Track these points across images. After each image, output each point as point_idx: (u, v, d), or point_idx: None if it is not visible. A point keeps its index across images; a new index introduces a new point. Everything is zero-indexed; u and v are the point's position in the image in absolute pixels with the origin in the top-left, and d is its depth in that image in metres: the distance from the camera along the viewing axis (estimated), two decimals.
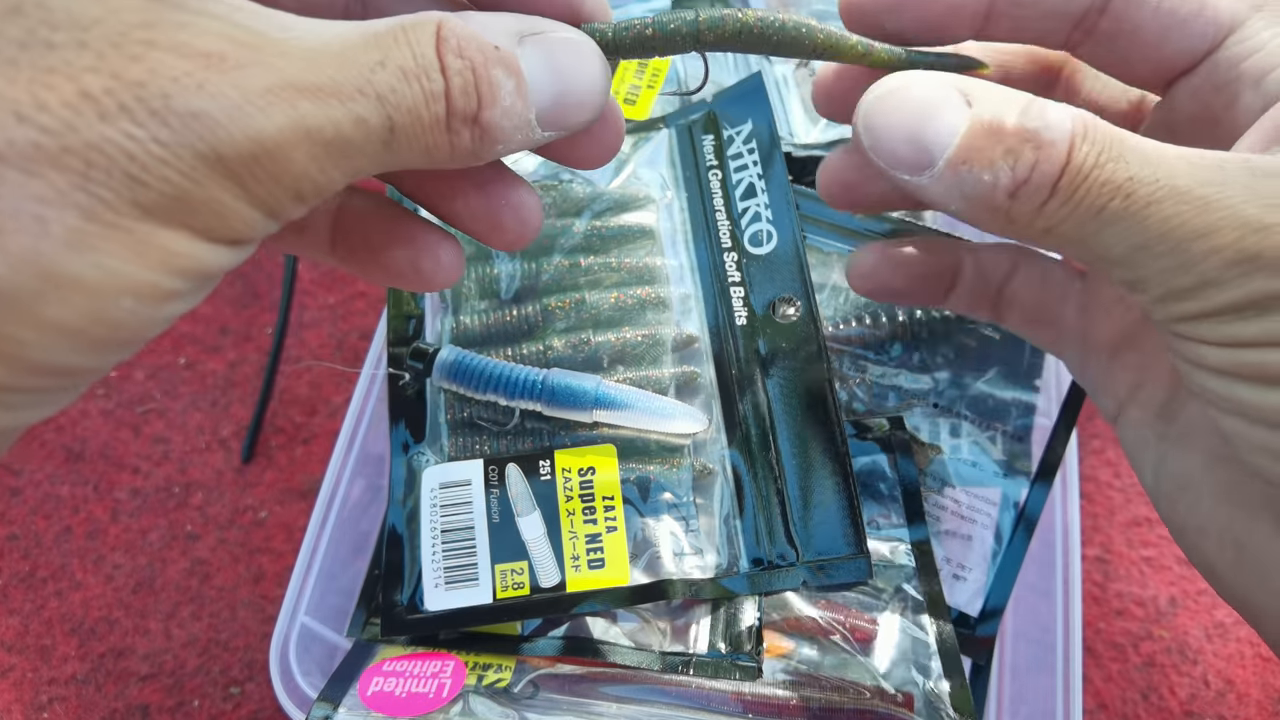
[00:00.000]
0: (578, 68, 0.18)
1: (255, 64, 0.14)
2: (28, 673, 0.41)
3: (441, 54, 0.16)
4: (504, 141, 0.18)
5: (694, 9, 0.20)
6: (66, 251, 0.13)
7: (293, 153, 0.14)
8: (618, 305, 0.33)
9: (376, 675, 0.28)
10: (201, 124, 0.13)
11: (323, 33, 0.15)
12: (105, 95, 0.13)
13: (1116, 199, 0.17)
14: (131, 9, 0.13)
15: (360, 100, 0.15)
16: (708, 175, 0.35)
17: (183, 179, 0.13)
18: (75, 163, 0.13)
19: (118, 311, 0.14)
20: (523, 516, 0.29)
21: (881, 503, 0.32)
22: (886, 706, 0.28)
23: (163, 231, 0.14)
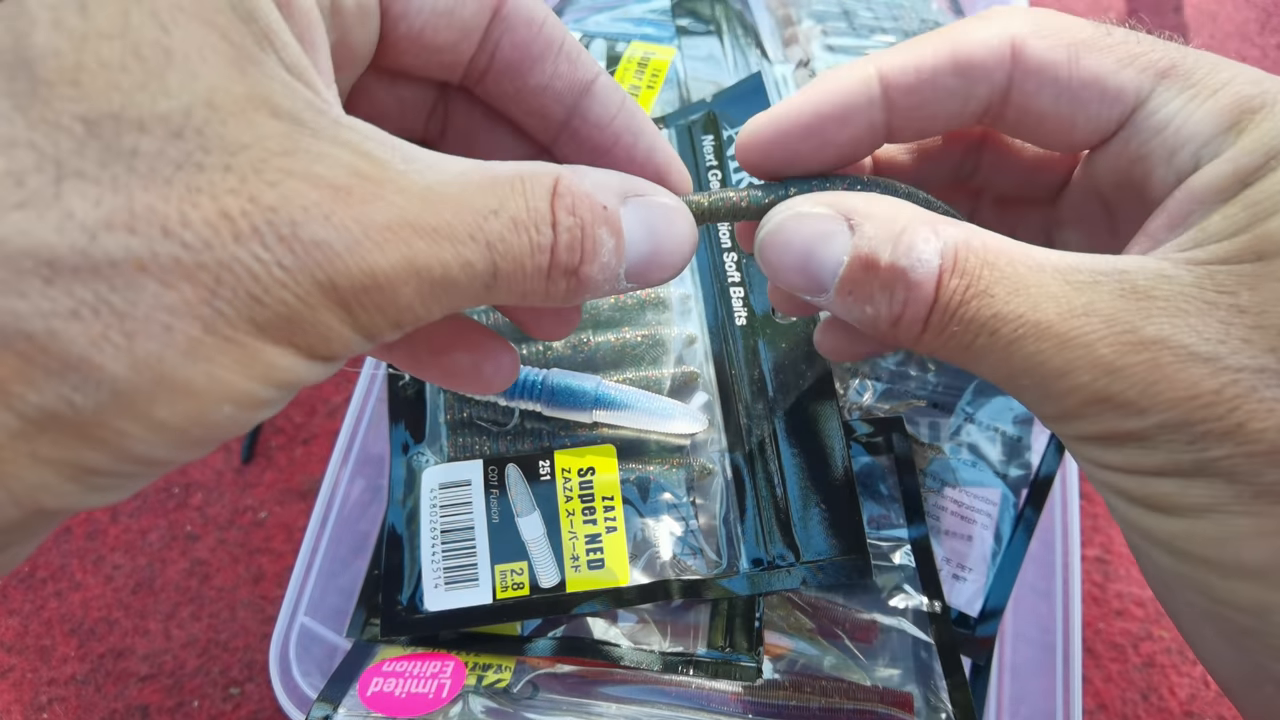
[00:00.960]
0: (670, 232, 0.20)
1: (377, 199, 0.15)
2: (27, 673, 0.41)
3: (555, 209, 0.17)
4: (594, 291, 0.19)
5: (787, 182, 0.21)
6: (184, 359, 0.14)
7: (401, 288, 0.15)
8: (617, 305, 0.33)
9: (376, 675, 0.28)
10: (322, 253, 0.14)
11: (444, 169, 0.16)
12: (242, 217, 0.14)
13: (982, 336, 0.17)
14: (275, 136, 0.14)
15: (470, 245, 0.16)
16: (707, 175, 0.35)
17: (298, 302, 0.14)
18: (207, 279, 0.14)
19: (217, 416, 0.14)
20: (522, 517, 0.29)
21: (881, 503, 0.32)
22: (886, 707, 0.28)
23: (270, 348, 0.15)
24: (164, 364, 0.14)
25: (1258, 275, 0.16)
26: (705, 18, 0.42)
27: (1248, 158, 0.17)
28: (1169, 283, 0.16)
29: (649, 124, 0.22)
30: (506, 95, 0.21)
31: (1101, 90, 0.19)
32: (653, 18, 0.43)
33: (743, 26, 0.43)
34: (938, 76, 0.20)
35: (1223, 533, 0.16)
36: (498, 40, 0.20)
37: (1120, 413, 0.16)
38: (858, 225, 0.18)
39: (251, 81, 0.15)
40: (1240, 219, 0.16)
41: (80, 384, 0.13)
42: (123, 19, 0.14)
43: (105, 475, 0.14)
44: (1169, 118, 0.18)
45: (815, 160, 0.21)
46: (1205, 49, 0.19)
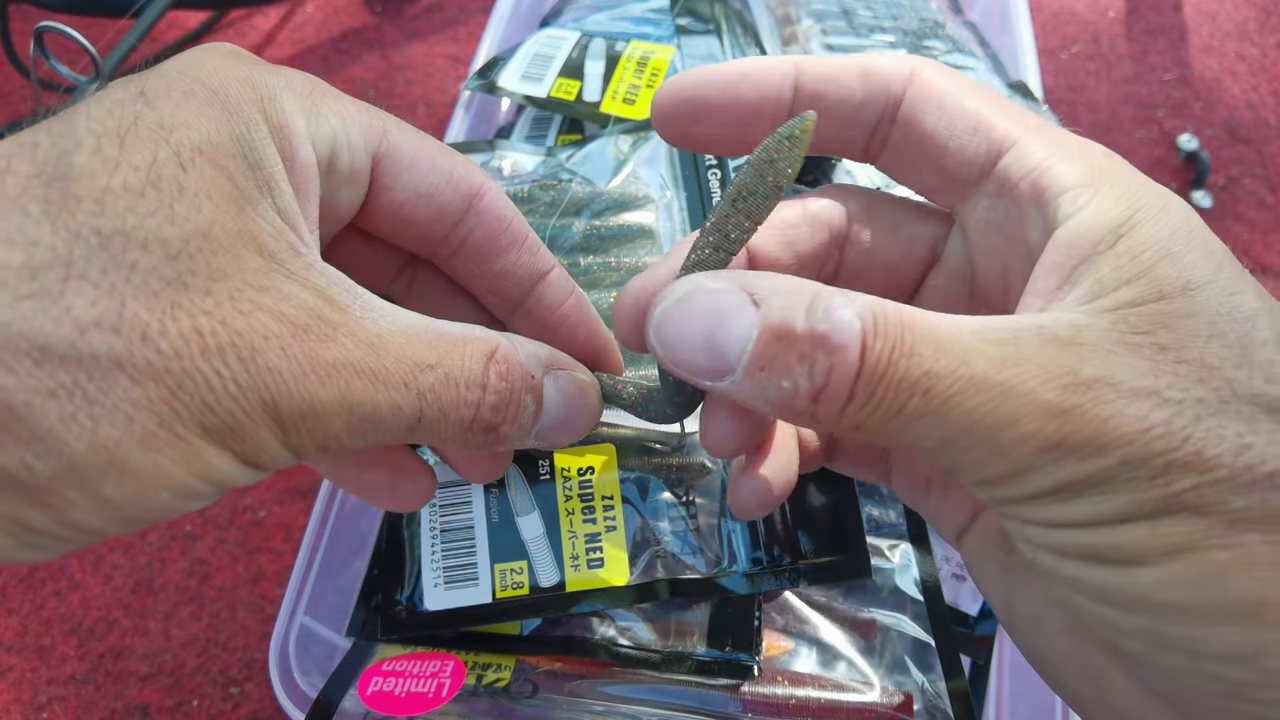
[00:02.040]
0: (580, 404, 0.23)
1: (329, 340, 0.17)
2: (27, 673, 0.41)
3: (489, 373, 0.20)
4: (504, 444, 0.21)
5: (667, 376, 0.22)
6: (137, 447, 0.16)
7: (333, 418, 0.18)
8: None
9: (376, 675, 0.28)
10: (272, 378, 0.17)
11: (396, 320, 0.19)
12: (211, 336, 0.16)
13: (915, 396, 0.16)
14: (255, 271, 0.17)
15: (402, 391, 0.18)
16: (707, 175, 0.35)
17: (243, 415, 0.16)
18: (170, 382, 0.16)
19: (154, 501, 0.16)
20: (522, 516, 0.29)
21: (880, 502, 0.32)
22: (886, 706, 0.28)
23: (211, 449, 0.17)
24: (119, 448, 0.15)
25: (1166, 313, 0.16)
26: (704, 17, 0.42)
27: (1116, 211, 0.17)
28: (1088, 330, 0.16)
29: (592, 311, 0.25)
30: (471, 274, 0.24)
31: (976, 124, 0.20)
32: (652, 17, 0.43)
33: (742, 26, 0.43)
34: (845, 74, 0.21)
35: (1202, 572, 0.15)
36: (470, 228, 0.23)
37: (1077, 456, 0.16)
38: (763, 299, 0.17)
39: (246, 221, 0.17)
40: (1129, 267, 0.17)
41: (42, 453, 0.15)
42: (151, 154, 0.16)
43: (41, 535, 0.16)
44: (1036, 162, 0.19)
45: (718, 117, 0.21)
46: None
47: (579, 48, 0.41)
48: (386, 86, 0.63)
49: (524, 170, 0.37)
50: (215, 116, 0.17)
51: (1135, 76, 0.62)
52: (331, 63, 0.64)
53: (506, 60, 0.42)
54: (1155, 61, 0.63)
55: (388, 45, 0.65)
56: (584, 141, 0.37)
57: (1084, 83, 0.62)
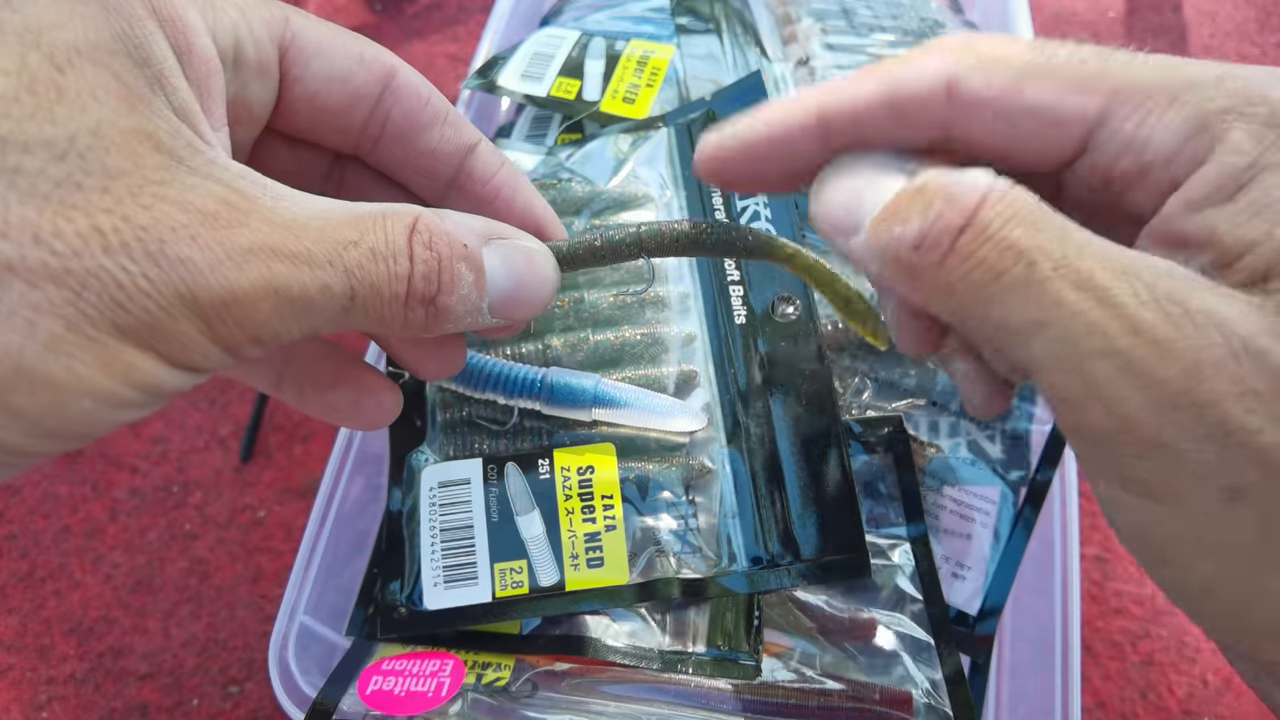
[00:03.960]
0: (531, 270, 0.22)
1: (242, 226, 0.17)
2: (26, 672, 0.41)
3: (412, 243, 0.19)
4: (453, 322, 0.20)
5: (637, 224, 0.24)
6: (44, 353, 0.15)
7: (259, 305, 0.17)
8: (617, 304, 0.33)
9: (375, 674, 0.28)
10: (186, 269, 0.16)
11: (310, 206, 0.18)
12: (113, 233, 0.15)
13: (1018, 266, 0.16)
14: (154, 166, 0.16)
15: (328, 270, 0.18)
16: None
17: (160, 311, 0.16)
18: (73, 283, 0.15)
19: (76, 410, 0.16)
20: (522, 515, 0.29)
21: (880, 501, 0.32)
22: (885, 705, 0.28)
23: (131, 350, 0.16)
24: (24, 355, 0.15)
25: None
26: (704, 16, 0.42)
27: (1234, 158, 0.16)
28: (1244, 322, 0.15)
29: (526, 182, 0.25)
30: (397, 160, 0.23)
31: (1048, 119, 0.18)
32: (652, 16, 0.43)
33: (742, 25, 0.43)
34: (873, 118, 0.19)
35: None
36: (388, 110, 0.22)
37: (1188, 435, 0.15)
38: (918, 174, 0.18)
39: (138, 118, 0.16)
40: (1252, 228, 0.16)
41: None
42: (20, 59, 0.15)
43: None
44: (1129, 138, 0.17)
45: (762, 182, 0.22)
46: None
47: (579, 47, 0.41)
48: None
49: (524, 170, 0.37)
50: (90, 14, 0.16)
51: None
52: None
53: (506, 59, 0.42)
54: None
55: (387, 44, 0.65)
56: (584, 141, 0.37)
57: None
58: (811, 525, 0.29)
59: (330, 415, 0.24)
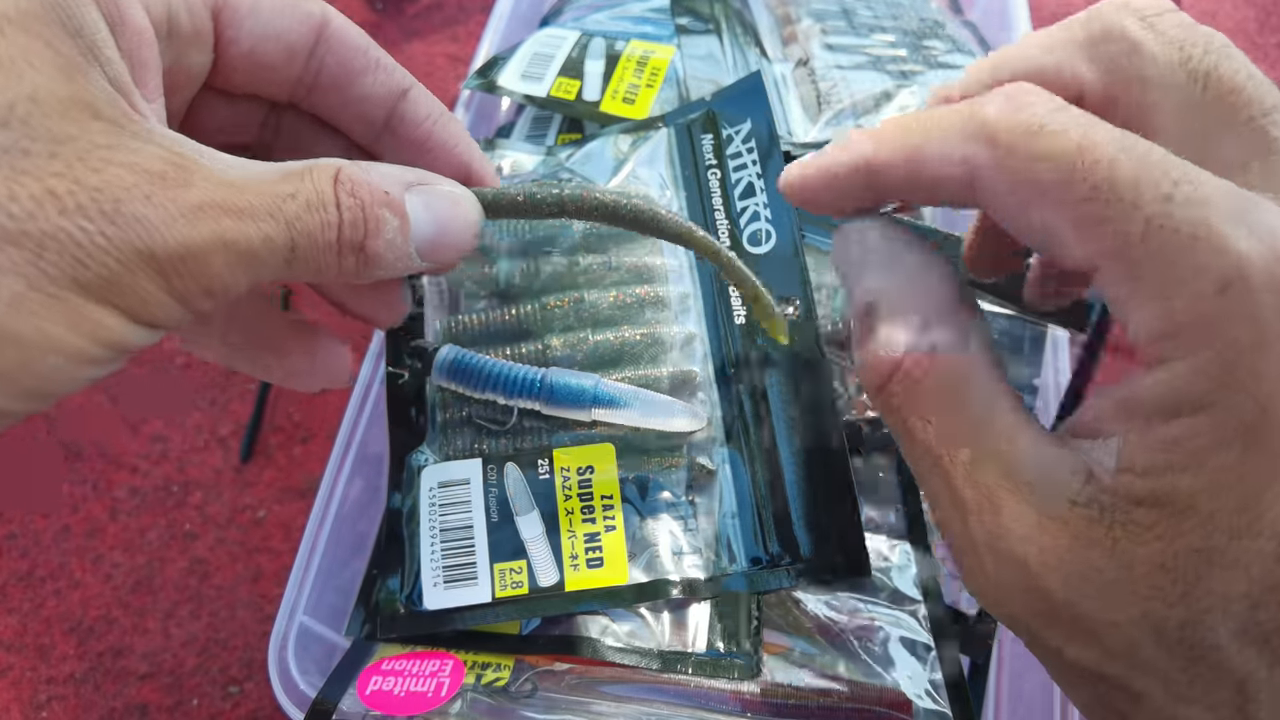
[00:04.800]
0: (454, 214, 0.23)
1: (189, 185, 0.17)
2: (26, 671, 0.41)
3: (337, 192, 0.20)
4: (385, 267, 0.21)
5: (561, 185, 0.25)
6: (9, 311, 0.16)
7: (212, 258, 0.18)
8: (617, 304, 0.33)
9: (375, 674, 0.28)
10: (142, 226, 0.17)
11: (248, 167, 0.19)
12: (68, 195, 0.16)
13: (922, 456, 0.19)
14: (99, 132, 0.17)
15: (270, 222, 0.19)
16: (707, 174, 0.35)
17: (119, 267, 0.17)
18: (30, 244, 0.16)
19: (44, 366, 0.16)
20: (521, 515, 0.29)
21: (880, 502, 0.32)
22: (884, 705, 0.28)
23: (94, 306, 0.17)
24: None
25: None
26: (704, 16, 0.42)
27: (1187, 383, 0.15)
28: None
29: (460, 127, 0.26)
30: (333, 106, 0.24)
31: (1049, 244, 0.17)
32: (652, 16, 0.43)
33: (742, 25, 0.43)
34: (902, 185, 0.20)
35: None
36: (322, 59, 0.23)
37: None
38: None
39: (76, 87, 0.17)
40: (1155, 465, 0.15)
41: None
42: None
43: None
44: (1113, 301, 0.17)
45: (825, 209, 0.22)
46: None
47: (579, 47, 0.41)
48: None
49: (524, 170, 0.37)
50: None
51: None
52: None
53: (506, 59, 0.42)
54: None
55: (388, 43, 0.65)
56: (584, 141, 0.37)
57: None
58: (811, 525, 0.29)
59: (291, 379, 0.25)
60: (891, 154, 0.19)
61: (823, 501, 0.30)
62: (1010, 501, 0.17)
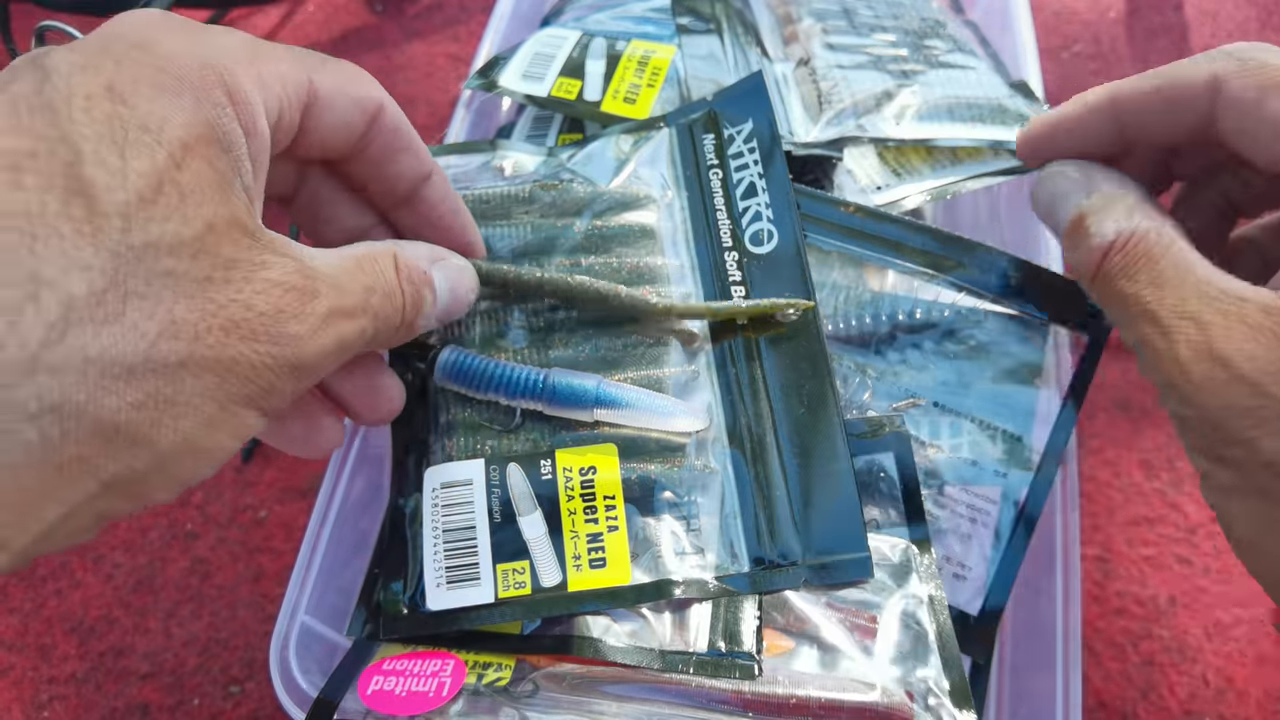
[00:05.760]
0: (462, 285, 0.27)
1: (317, 295, 0.20)
2: (27, 671, 0.41)
3: (400, 281, 0.23)
4: (415, 334, 0.25)
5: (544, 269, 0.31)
6: (205, 432, 0.18)
7: (334, 355, 0.21)
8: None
9: (376, 674, 0.28)
10: (294, 343, 0.19)
11: (331, 260, 0.21)
12: (244, 323, 0.18)
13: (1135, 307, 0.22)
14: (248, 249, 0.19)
15: (363, 317, 0.21)
16: (708, 174, 0.35)
17: (275, 379, 0.19)
18: (220, 369, 0.18)
19: (208, 468, 0.19)
20: (524, 516, 0.29)
21: (881, 502, 0.32)
22: (886, 706, 0.28)
23: (249, 414, 0.19)
24: (192, 436, 0.18)
25: None
26: (705, 16, 0.42)
27: None
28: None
29: (463, 205, 0.29)
30: (366, 177, 0.26)
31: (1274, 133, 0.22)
32: (653, 16, 0.43)
33: (743, 25, 0.43)
34: (1150, 105, 0.25)
35: None
36: (371, 140, 0.25)
37: None
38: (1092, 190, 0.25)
39: (231, 207, 0.18)
40: None
41: (141, 456, 0.17)
42: (150, 159, 0.17)
43: (112, 515, 0.18)
44: None
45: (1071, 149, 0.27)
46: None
47: (580, 47, 0.41)
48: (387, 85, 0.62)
49: (525, 170, 0.37)
50: (188, 107, 0.18)
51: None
52: None
53: (507, 59, 0.42)
54: (1156, 61, 0.63)
55: (388, 44, 0.65)
56: (585, 141, 0.37)
57: (1085, 82, 0.62)
58: (813, 525, 0.29)
59: (286, 445, 0.27)
60: (1137, 85, 0.25)
61: (824, 501, 0.30)
62: (1217, 320, 0.20)
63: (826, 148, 0.37)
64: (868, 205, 0.35)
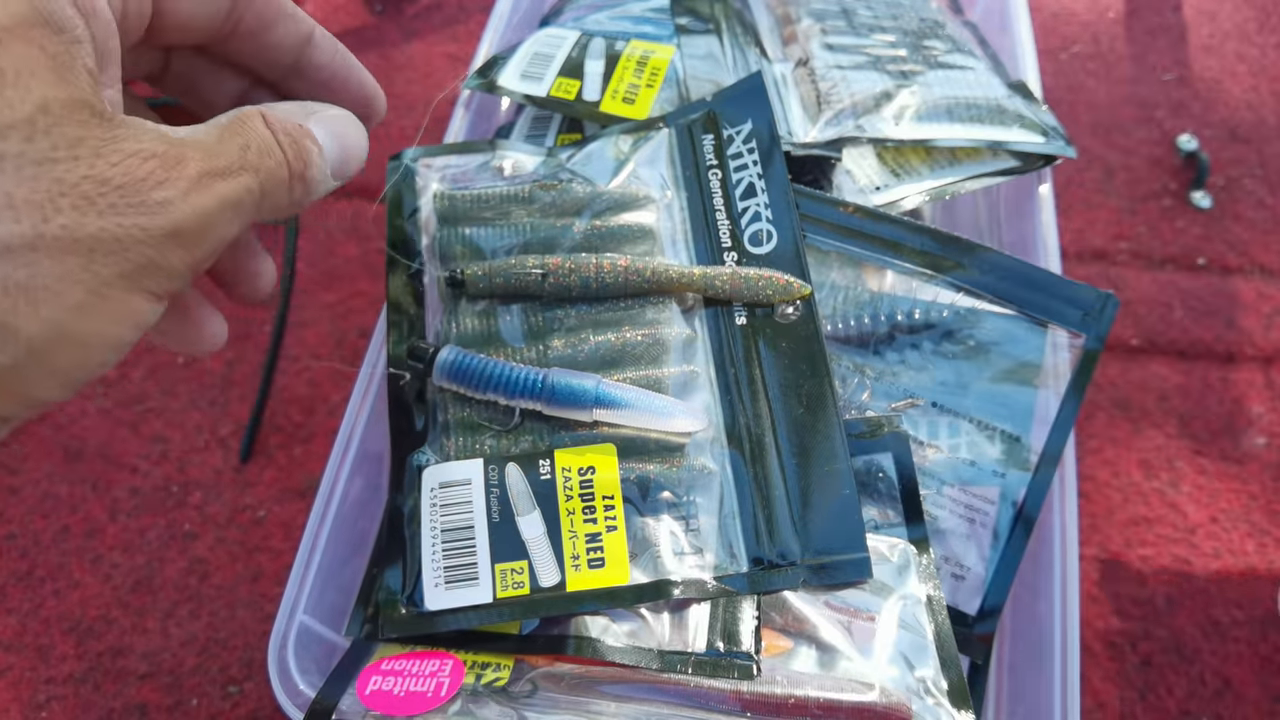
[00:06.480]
0: (348, 134, 0.25)
1: (185, 160, 0.19)
2: (26, 672, 0.41)
3: (275, 133, 0.22)
4: (315, 192, 0.24)
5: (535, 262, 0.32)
6: (76, 318, 0.17)
7: (218, 219, 0.20)
8: (617, 304, 0.33)
9: (375, 674, 0.28)
10: (166, 209, 0.18)
11: (199, 130, 0.20)
12: (100, 197, 0.17)
13: None
14: (98, 127, 0.18)
15: (244, 174, 0.20)
16: (708, 175, 0.35)
17: (154, 252, 0.18)
18: (83, 250, 0.17)
19: (98, 360, 0.18)
20: (522, 516, 0.29)
21: (880, 502, 0.32)
22: (885, 706, 0.28)
23: (133, 296, 0.18)
24: (63, 323, 0.17)
25: None
26: (704, 16, 0.42)
27: None
28: None
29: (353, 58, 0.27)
30: (244, 52, 0.25)
31: None
32: (652, 16, 0.43)
33: (742, 25, 0.43)
34: None
35: None
36: (241, 12, 0.24)
37: None
38: None
39: (71, 88, 0.18)
40: None
41: (6, 347, 0.17)
42: None
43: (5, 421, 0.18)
44: None
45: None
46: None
47: (579, 47, 0.41)
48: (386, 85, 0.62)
49: (524, 170, 0.37)
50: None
51: (1135, 77, 0.62)
52: None
53: (506, 59, 0.42)
54: (1155, 62, 0.63)
55: (387, 44, 0.65)
56: (584, 141, 0.37)
57: (1083, 83, 0.62)
58: (812, 526, 0.29)
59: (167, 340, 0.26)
60: None
61: (823, 502, 0.30)
62: None
63: (825, 148, 0.37)
64: (867, 206, 0.35)
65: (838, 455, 0.30)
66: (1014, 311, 0.34)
